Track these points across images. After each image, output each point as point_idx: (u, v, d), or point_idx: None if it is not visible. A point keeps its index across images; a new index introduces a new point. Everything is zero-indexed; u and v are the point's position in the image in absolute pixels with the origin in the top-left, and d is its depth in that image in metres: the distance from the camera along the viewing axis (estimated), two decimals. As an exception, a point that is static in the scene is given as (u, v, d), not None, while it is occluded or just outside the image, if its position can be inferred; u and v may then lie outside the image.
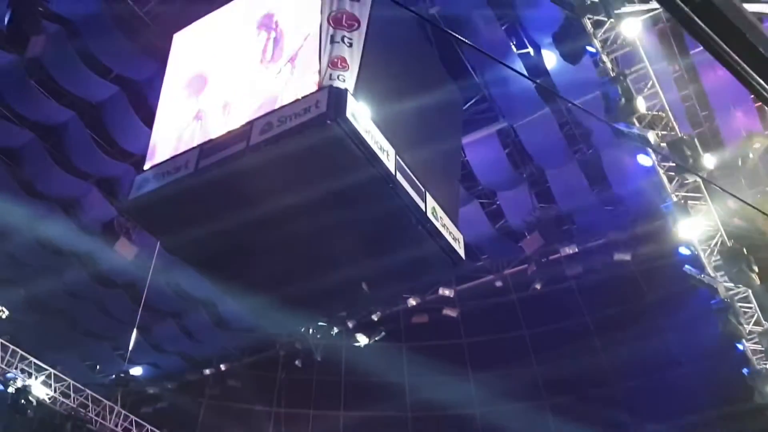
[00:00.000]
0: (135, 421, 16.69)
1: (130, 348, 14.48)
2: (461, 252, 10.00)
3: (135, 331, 14.13)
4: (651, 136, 10.16)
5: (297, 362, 19.05)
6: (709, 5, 3.41)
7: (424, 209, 9.10)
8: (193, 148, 9.21)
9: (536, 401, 17.44)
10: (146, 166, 9.72)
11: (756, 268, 11.15)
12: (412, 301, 18.32)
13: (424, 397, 18.20)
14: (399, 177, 8.67)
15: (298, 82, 8.55)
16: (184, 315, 18.30)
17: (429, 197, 9.31)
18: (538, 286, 17.39)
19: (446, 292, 18.03)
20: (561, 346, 17.03)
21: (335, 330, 18.72)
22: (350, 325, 18.62)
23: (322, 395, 19.54)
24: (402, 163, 8.85)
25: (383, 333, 18.47)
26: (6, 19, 11.34)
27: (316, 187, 8.43)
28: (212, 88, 9.80)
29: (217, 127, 9.20)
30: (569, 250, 16.75)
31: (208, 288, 14.01)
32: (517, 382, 17.38)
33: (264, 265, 9.99)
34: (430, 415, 18.47)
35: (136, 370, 18.60)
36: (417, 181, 9.13)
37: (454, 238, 9.92)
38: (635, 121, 10.25)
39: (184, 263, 11.30)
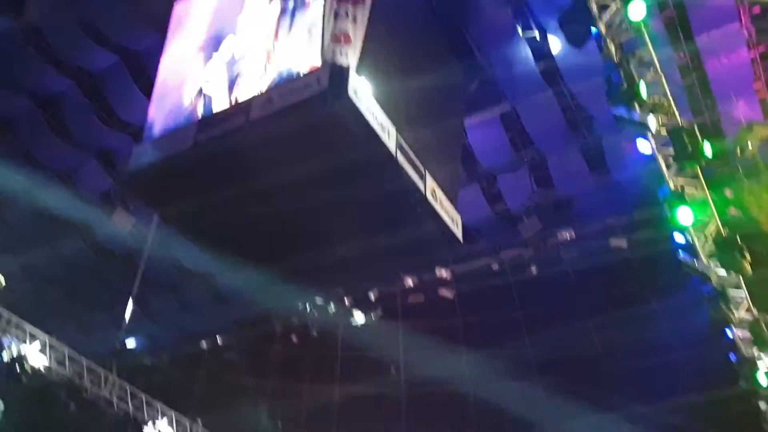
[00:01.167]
0: (130, 391, 16.79)
1: (127, 319, 14.56)
2: (459, 234, 10.05)
3: (131, 302, 14.20)
4: (651, 122, 10.15)
5: (293, 337, 19.18)
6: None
7: (423, 190, 9.13)
8: (193, 121, 9.19)
9: (529, 381, 17.58)
10: (145, 138, 9.70)
11: (749, 257, 11.23)
12: (408, 281, 18.40)
13: (419, 374, 18.34)
14: (399, 156, 8.68)
15: (312, 55, 8.44)
16: (182, 288, 18.37)
17: (429, 178, 9.33)
18: (534, 270, 17.47)
19: (443, 272, 18.11)
20: (555, 329, 17.13)
21: (332, 307, 18.83)
22: (347, 302, 18.72)
23: (317, 370, 19.69)
24: (403, 142, 8.85)
25: (380, 311, 18.58)
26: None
27: (315, 163, 8.44)
28: (217, 61, 9.73)
29: (220, 101, 9.17)
30: (566, 235, 16.80)
31: (206, 261, 14.05)
32: (510, 363, 17.51)
33: (262, 239, 10.04)
34: (424, 392, 18.62)
35: (133, 342, 18.71)
36: (417, 162, 9.13)
37: (453, 220, 9.97)
38: (636, 106, 10.23)
39: (182, 235, 11.35)
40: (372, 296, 18.69)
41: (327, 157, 8.35)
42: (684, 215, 11.08)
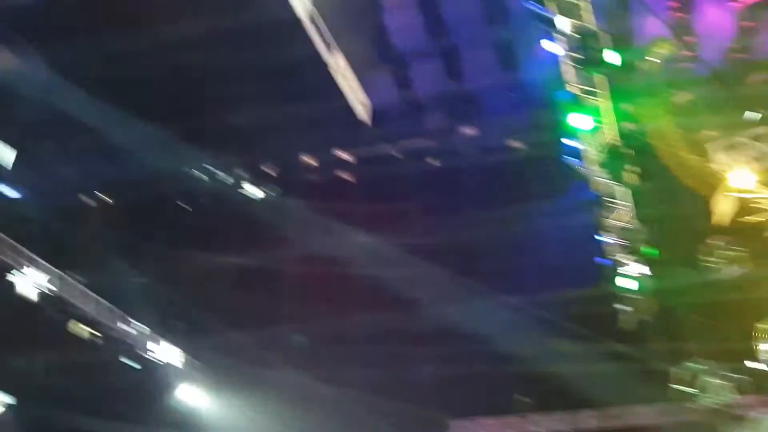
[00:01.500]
0: (9, 242, 16.01)
1: (5, 165, 13.68)
2: (364, 115, 9.95)
3: (8, 148, 13.30)
4: (561, 22, 10.19)
5: (182, 202, 18.77)
6: None
7: (329, 64, 8.89)
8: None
9: (417, 266, 18.21)
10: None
11: (634, 168, 11.89)
12: (308, 160, 18.20)
13: (310, 251, 18.54)
14: (308, 24, 8.34)
15: None
16: (67, 137, 17.26)
17: (337, 52, 9.07)
18: (433, 161, 17.75)
19: (344, 154, 18.00)
20: (445, 220, 17.71)
21: (225, 177, 18.41)
22: (242, 174, 18.34)
23: (206, 238, 19.51)
24: (315, 11, 8.49)
25: (276, 187, 18.38)
26: None
27: (220, 19, 7.99)
28: None
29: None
30: (469, 129, 17.06)
31: (94, 112, 13.29)
32: (400, 247, 18.03)
33: (158, 95, 9.57)
34: (314, 269, 18.95)
35: (12, 191, 17.67)
36: (327, 34, 8.82)
37: (358, 100, 9.83)
38: (550, 4, 10.20)
39: (68, 81, 10.63)
40: (268, 170, 18.39)
41: (232, 14, 7.90)
42: (578, 120, 11.46)
